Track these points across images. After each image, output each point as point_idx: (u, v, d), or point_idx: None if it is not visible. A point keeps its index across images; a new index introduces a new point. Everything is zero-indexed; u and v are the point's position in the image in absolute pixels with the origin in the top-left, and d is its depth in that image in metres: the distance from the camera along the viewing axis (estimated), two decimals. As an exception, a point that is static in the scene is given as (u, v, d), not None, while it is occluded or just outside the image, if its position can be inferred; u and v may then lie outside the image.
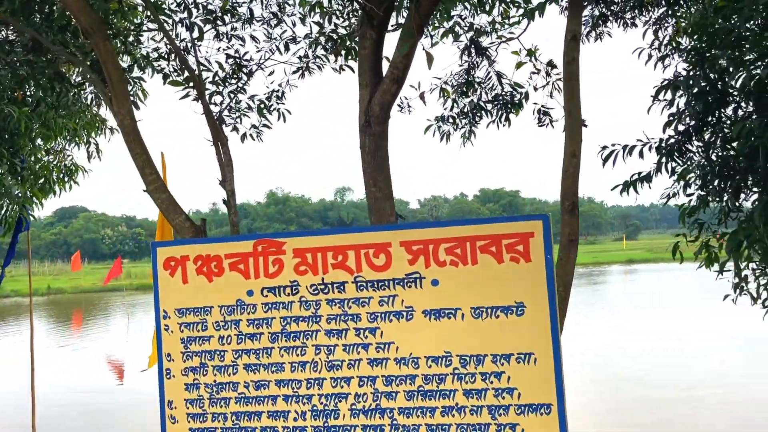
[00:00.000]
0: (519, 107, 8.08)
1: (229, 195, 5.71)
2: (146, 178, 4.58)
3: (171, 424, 2.94)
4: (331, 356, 2.80)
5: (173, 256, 2.98)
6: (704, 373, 14.28)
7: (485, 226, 2.65)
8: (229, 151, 5.83)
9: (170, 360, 2.96)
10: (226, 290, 2.92)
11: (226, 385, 2.90)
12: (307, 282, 2.83)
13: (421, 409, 2.69)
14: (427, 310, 2.70)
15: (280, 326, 2.85)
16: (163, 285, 2.98)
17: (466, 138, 8.80)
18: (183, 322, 2.96)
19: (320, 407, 2.79)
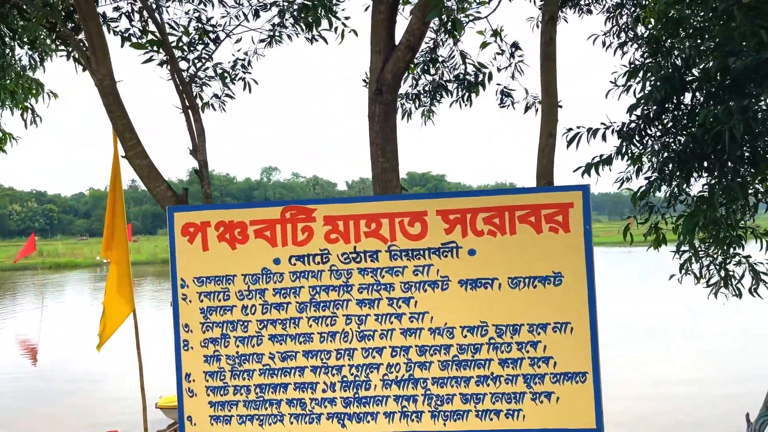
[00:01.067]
0: (481, 87, 8.17)
1: (202, 165, 5.47)
2: (126, 143, 4.30)
3: (189, 398, 2.80)
4: (362, 326, 2.74)
5: (192, 222, 2.82)
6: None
7: (525, 196, 2.66)
8: (201, 119, 5.58)
9: (188, 331, 2.81)
10: (251, 258, 2.79)
11: (250, 356, 2.79)
12: (338, 250, 2.76)
13: (456, 378, 2.69)
14: (464, 280, 2.69)
15: (309, 296, 2.77)
16: (181, 252, 2.82)
17: (427, 117, 8.83)
18: (203, 291, 2.81)
19: (350, 378, 2.74)
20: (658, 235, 6.93)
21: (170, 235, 2.83)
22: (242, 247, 2.80)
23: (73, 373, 18.89)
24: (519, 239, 2.66)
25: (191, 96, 5.61)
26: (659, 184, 6.96)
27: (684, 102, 6.74)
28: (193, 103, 5.55)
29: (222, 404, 2.80)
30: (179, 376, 2.81)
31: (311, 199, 2.77)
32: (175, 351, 2.81)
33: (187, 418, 2.80)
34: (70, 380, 18.07)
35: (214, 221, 2.81)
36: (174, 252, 2.82)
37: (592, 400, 2.59)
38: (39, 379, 18.08)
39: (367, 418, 2.72)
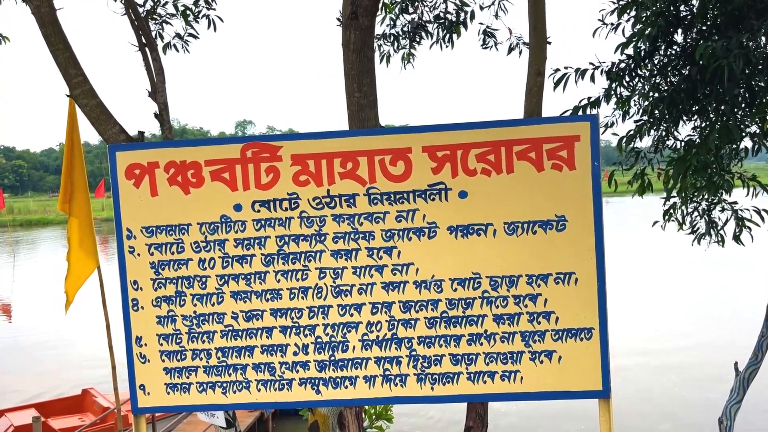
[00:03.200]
0: (463, 27, 7.71)
1: (162, 108, 5.01)
2: (71, 80, 3.82)
3: (140, 364, 2.46)
4: (338, 281, 2.40)
5: (138, 163, 2.41)
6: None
7: (523, 129, 2.30)
8: (160, 58, 5.08)
9: (137, 288, 2.44)
10: (208, 204, 2.41)
11: (209, 316, 2.44)
12: (309, 194, 2.38)
13: (445, 337, 2.37)
14: (453, 227, 2.35)
15: (276, 247, 2.41)
16: (126, 198, 2.42)
17: (406, 60, 8.37)
18: (153, 243, 2.43)
19: (325, 339, 2.41)
20: (644, 181, 6.67)
21: (112, 178, 2.42)
22: (197, 192, 2.41)
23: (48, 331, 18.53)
24: (517, 179, 2.31)
25: (148, 32, 5.09)
26: (648, 127, 6.65)
27: (676, 41, 6.38)
28: (151, 40, 5.04)
29: (179, 371, 2.45)
30: (129, 340, 2.45)
31: (276, 135, 2.38)
32: (122, 311, 2.45)
33: (139, 386, 2.46)
34: (44, 338, 17.73)
35: (163, 162, 2.41)
36: (117, 198, 2.43)
37: (598, 359, 2.30)
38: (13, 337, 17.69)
39: (344, 384, 2.41)
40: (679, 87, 5.91)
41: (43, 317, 20.54)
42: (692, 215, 7.06)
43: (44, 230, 53.82)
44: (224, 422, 4.63)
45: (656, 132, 6.63)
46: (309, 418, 4.28)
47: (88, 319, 19.73)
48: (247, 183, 2.39)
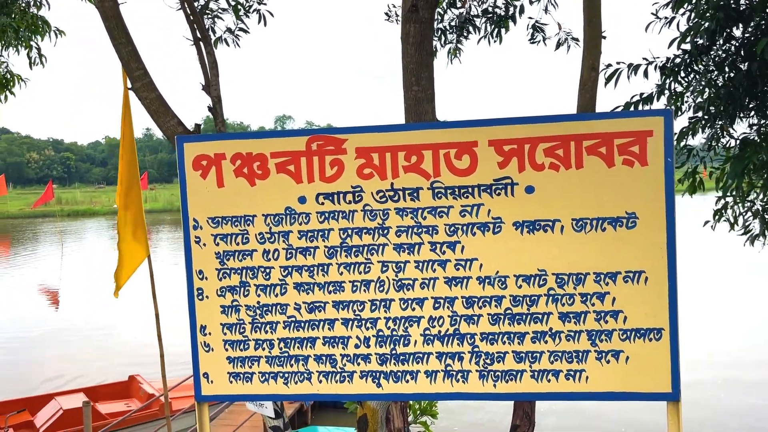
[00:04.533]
0: (512, 22, 7.60)
1: (215, 102, 5.08)
2: (132, 73, 3.91)
3: (204, 353, 2.50)
4: (400, 274, 2.39)
5: (205, 154, 2.45)
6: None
7: (594, 123, 2.25)
8: (214, 52, 5.15)
9: (203, 278, 2.48)
10: (273, 196, 2.43)
11: (273, 307, 2.46)
12: (373, 188, 2.38)
13: (508, 334, 2.34)
14: (519, 222, 2.32)
15: (339, 239, 2.41)
16: (193, 189, 2.46)
17: (453, 55, 8.31)
18: (218, 233, 2.47)
19: (387, 333, 2.41)
20: (695, 180, 6.48)
21: (180, 170, 2.46)
22: (262, 184, 2.43)
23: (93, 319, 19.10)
24: (586, 174, 2.26)
25: (202, 26, 5.17)
26: (703, 124, 6.45)
27: (734, 35, 6.18)
28: (205, 34, 5.12)
29: (242, 360, 2.49)
30: (193, 329, 2.49)
31: (341, 128, 2.38)
32: (188, 301, 2.49)
33: (203, 375, 2.50)
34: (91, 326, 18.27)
35: (229, 153, 2.44)
36: (185, 189, 2.46)
37: (668, 360, 2.24)
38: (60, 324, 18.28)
39: (405, 378, 2.40)
40: (738, 83, 5.72)
41: (88, 305, 21.15)
42: (745, 215, 6.84)
43: (90, 220, 55.43)
44: (273, 412, 4.68)
45: (710, 129, 6.44)
46: (358, 411, 4.30)
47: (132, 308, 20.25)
48: (312, 175, 2.41)
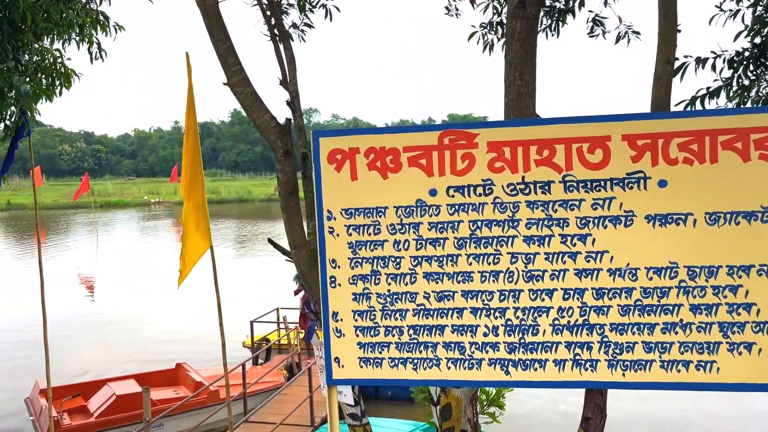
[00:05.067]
0: (570, 15, 7.58)
1: (293, 96, 5.18)
2: (229, 69, 4.02)
3: (336, 338, 2.60)
4: (530, 266, 2.46)
5: (340, 148, 2.54)
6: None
7: (730, 118, 2.29)
8: (291, 47, 5.25)
9: (335, 267, 2.58)
10: (404, 189, 2.51)
11: (403, 295, 2.55)
12: (504, 181, 2.45)
13: (638, 325, 2.40)
14: (651, 215, 2.37)
15: (469, 231, 2.49)
16: (328, 182, 2.56)
17: (509, 49, 8.29)
18: (351, 224, 2.56)
19: (516, 322, 2.48)
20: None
21: (315, 163, 2.56)
22: (395, 177, 2.52)
23: (129, 308, 19.49)
24: (720, 168, 2.30)
25: (280, 21, 5.27)
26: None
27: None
28: (283, 30, 5.22)
29: (372, 346, 2.58)
30: (326, 315, 2.60)
31: (473, 123, 2.45)
32: (321, 288, 2.59)
33: (334, 359, 2.60)
34: (129, 315, 18.66)
35: (363, 147, 2.53)
36: (320, 181, 2.56)
37: (803, 353, 2.28)
38: (101, 313, 18.69)
39: (534, 366, 2.47)
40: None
41: (122, 295, 21.55)
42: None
43: (122, 211, 56.39)
44: (352, 399, 4.80)
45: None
46: (441, 400, 4.39)
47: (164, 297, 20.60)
48: (443, 169, 2.48)
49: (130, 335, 16.68)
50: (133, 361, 14.51)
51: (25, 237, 39.05)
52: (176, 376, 12.34)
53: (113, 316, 18.45)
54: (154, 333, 16.86)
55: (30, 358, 14.80)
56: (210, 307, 18.91)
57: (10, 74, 6.73)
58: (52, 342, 16.06)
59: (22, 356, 15.09)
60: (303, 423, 10.17)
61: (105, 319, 17.83)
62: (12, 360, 14.75)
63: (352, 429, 4.90)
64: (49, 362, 7.35)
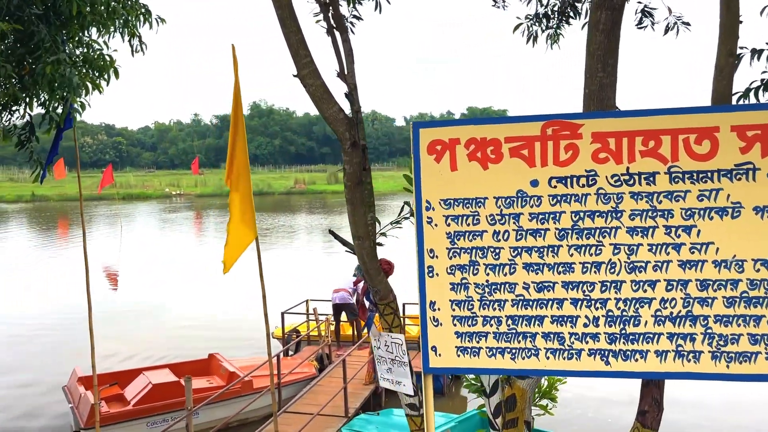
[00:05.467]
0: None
1: (351, 88, 5.19)
2: (300, 60, 4.04)
3: (433, 327, 2.62)
4: (632, 257, 2.46)
5: (440, 139, 2.56)
6: None
7: None
8: (350, 39, 5.26)
9: (433, 256, 2.60)
10: (505, 179, 2.52)
11: (501, 285, 2.57)
12: (608, 171, 2.45)
13: (744, 317, 2.39)
14: (760, 207, 2.36)
15: (571, 222, 2.49)
16: (427, 172, 2.58)
17: (553, 40, 8.26)
18: (450, 214, 2.58)
19: (617, 313, 2.49)
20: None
21: (415, 154, 2.58)
22: (495, 167, 2.53)
23: (155, 299, 19.71)
24: None
25: (338, 13, 5.28)
26: None
27: None
28: (341, 22, 5.23)
29: (470, 335, 2.60)
30: (423, 304, 2.62)
31: (576, 113, 2.46)
32: (418, 277, 2.62)
33: (431, 348, 2.63)
34: (154, 305, 18.88)
35: (464, 138, 2.54)
36: (419, 172, 2.58)
37: None
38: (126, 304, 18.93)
39: (635, 357, 2.48)
40: None
41: (147, 286, 21.78)
42: None
43: (144, 204, 56.94)
44: (411, 389, 4.83)
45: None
46: (506, 391, 4.40)
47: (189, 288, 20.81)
48: (545, 159, 2.49)
49: (155, 326, 16.88)
50: (161, 352, 14.69)
51: (50, 227, 39.60)
52: (209, 366, 12.47)
53: (138, 307, 18.68)
54: (179, 324, 17.05)
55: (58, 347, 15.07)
56: (234, 298, 19.12)
57: (60, 65, 6.83)
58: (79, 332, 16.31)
59: (49, 343, 15.35)
60: (337, 414, 10.23)
61: (130, 309, 18.06)
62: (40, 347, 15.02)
63: (410, 419, 4.93)
64: (94, 350, 7.46)
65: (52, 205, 54.35)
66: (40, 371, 13.27)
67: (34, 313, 17.74)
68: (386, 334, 4.67)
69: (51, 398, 11.94)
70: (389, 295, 4.56)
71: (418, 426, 4.94)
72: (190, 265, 25.12)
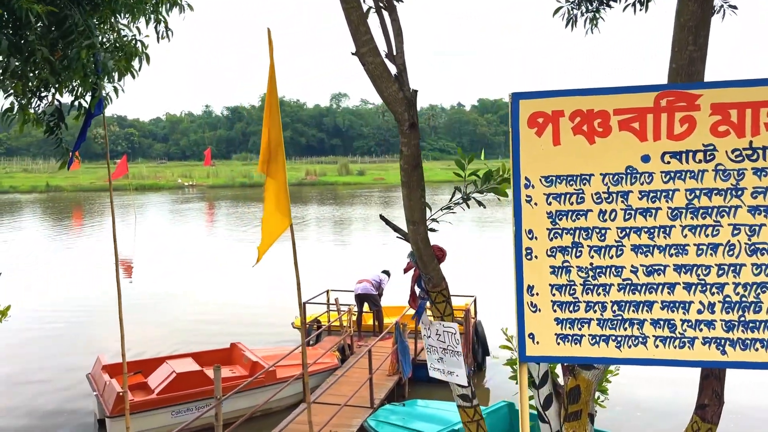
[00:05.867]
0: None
1: (401, 69, 5.01)
2: (360, 38, 3.86)
3: (531, 313, 2.45)
4: (754, 238, 2.28)
5: (542, 111, 2.38)
6: None
7: None
8: (399, 19, 5.07)
9: (532, 238, 2.43)
10: (613, 154, 2.34)
11: (607, 269, 2.39)
12: (728, 146, 2.27)
13: None
14: None
15: (685, 200, 2.31)
16: (527, 147, 2.40)
17: (593, 24, 8.03)
18: (551, 192, 2.41)
19: (735, 298, 2.31)
20: None
21: (514, 127, 2.40)
22: (602, 142, 2.35)
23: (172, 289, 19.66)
24: None
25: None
26: None
27: None
28: (391, 2, 5.05)
29: (571, 322, 2.43)
30: (520, 288, 2.45)
31: (694, 83, 2.27)
32: (515, 260, 2.44)
33: (528, 335, 2.46)
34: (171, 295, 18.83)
35: (569, 110, 2.36)
36: (518, 146, 2.40)
37: None
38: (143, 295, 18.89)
39: (754, 346, 2.30)
40: None
41: (164, 276, 21.73)
42: None
43: (157, 194, 57.05)
44: (465, 380, 4.67)
45: None
46: (569, 382, 4.23)
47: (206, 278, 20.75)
48: (659, 133, 2.31)
49: (173, 315, 16.83)
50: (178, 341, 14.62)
51: (64, 218, 39.72)
52: (231, 355, 12.40)
53: (155, 297, 18.64)
54: (197, 313, 17.00)
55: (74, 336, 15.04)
56: (251, 288, 19.01)
57: (93, 50, 6.68)
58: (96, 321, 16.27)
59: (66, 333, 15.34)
60: (363, 404, 10.12)
61: (147, 299, 18.01)
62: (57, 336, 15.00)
63: (462, 410, 4.78)
64: (124, 339, 7.35)
65: (66, 196, 54.55)
66: (59, 359, 13.25)
67: (49, 302, 17.76)
68: (438, 322, 4.52)
69: (71, 385, 11.90)
70: (442, 283, 4.41)
71: (471, 417, 4.78)
72: (205, 255, 25.09)
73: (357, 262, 21.58)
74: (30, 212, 43.15)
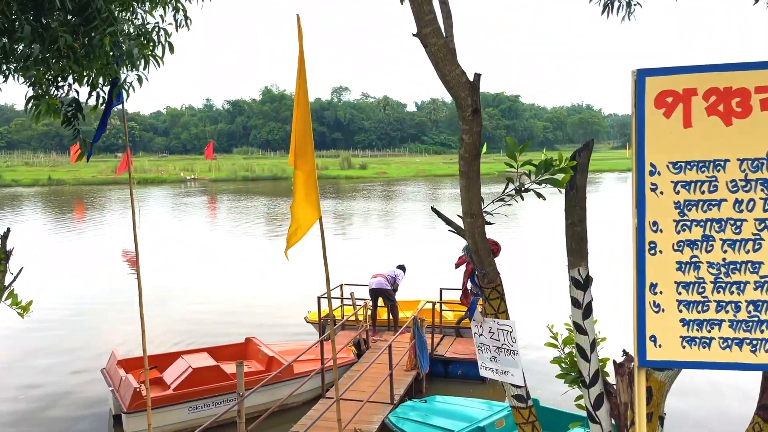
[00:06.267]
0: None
1: (452, 54, 4.78)
2: (423, 17, 3.62)
3: (653, 313, 2.22)
4: None
5: (672, 90, 2.14)
6: None
7: None
8: (448, 2, 4.83)
9: (657, 230, 2.19)
10: (753, 137, 2.11)
11: (742, 265, 2.16)
12: None
13: None
14: None
15: (835, 189, 2.08)
16: (653, 130, 2.16)
17: (629, 12, 7.79)
18: (680, 180, 2.17)
19: None
20: None
21: (638, 108, 2.16)
22: (741, 123, 2.11)
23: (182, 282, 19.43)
24: None
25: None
26: None
27: None
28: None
29: (699, 323, 2.20)
30: (641, 286, 2.22)
31: None
32: (636, 255, 2.21)
33: (649, 337, 2.23)
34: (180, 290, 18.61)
35: (702, 88, 2.12)
36: (643, 129, 2.16)
37: None
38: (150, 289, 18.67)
39: None
40: None
41: (172, 269, 21.50)
42: None
43: (159, 188, 56.77)
44: (521, 380, 4.45)
45: None
46: (640, 384, 4.01)
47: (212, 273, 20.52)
48: (806, 114, 2.07)
49: (184, 310, 16.63)
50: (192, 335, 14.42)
51: (65, 212, 39.47)
52: (246, 350, 12.21)
53: (163, 290, 18.43)
54: (207, 308, 16.79)
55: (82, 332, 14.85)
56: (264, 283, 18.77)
57: (115, 37, 6.42)
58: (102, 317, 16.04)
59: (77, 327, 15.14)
60: (383, 400, 9.93)
61: (155, 293, 17.78)
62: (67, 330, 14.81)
63: (516, 411, 4.57)
64: (145, 334, 7.14)
65: (67, 189, 54.26)
66: (72, 354, 13.07)
67: (58, 297, 17.56)
68: (492, 320, 4.30)
69: (83, 380, 11.72)
70: (497, 278, 4.19)
71: (526, 418, 4.56)
72: (213, 249, 24.86)
73: (367, 256, 21.37)
74: (31, 205, 42.87)
